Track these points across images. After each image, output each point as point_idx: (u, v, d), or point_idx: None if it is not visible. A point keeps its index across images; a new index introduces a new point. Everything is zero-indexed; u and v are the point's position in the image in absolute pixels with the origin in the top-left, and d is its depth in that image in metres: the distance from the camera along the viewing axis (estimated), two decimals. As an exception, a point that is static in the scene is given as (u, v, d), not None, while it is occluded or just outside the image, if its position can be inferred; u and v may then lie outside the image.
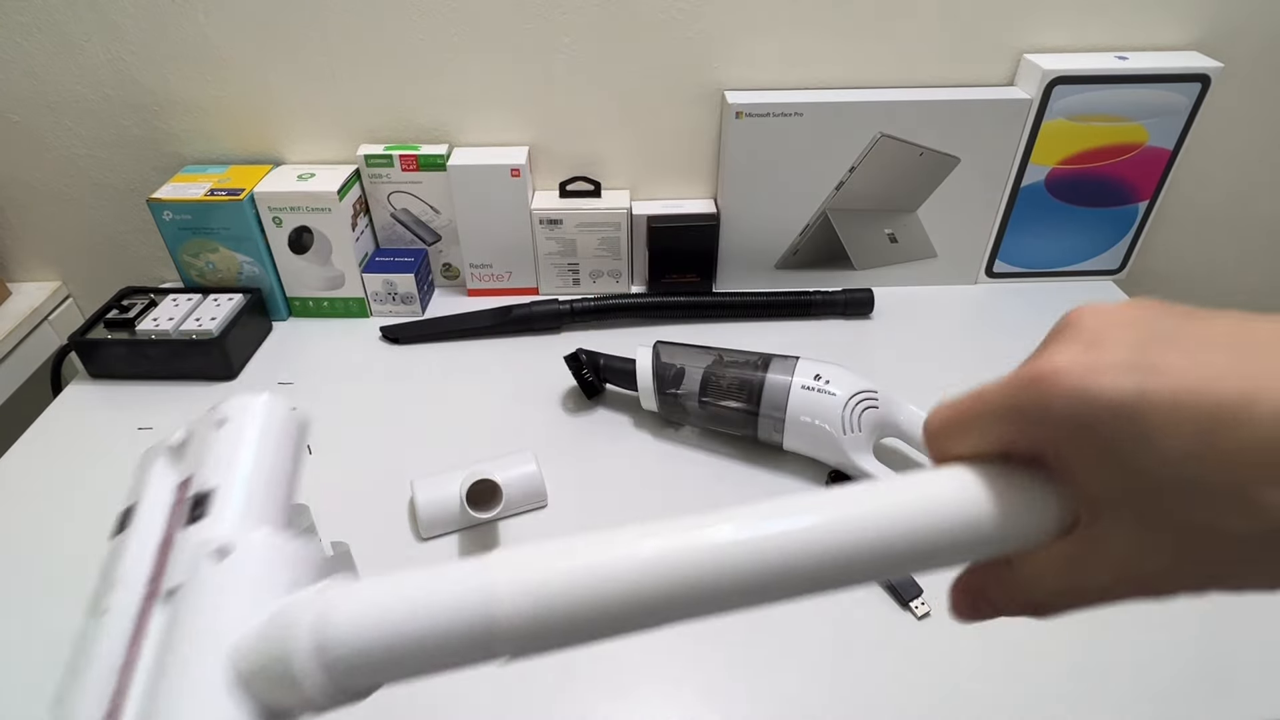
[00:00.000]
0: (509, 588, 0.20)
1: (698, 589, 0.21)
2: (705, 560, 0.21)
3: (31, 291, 0.92)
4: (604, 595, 0.20)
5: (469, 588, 0.21)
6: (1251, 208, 0.90)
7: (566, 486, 0.64)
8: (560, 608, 0.20)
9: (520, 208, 0.82)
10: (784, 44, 0.78)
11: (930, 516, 0.21)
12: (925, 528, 0.21)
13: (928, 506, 0.21)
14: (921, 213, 0.84)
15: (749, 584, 0.21)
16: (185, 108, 0.82)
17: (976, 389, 0.22)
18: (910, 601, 0.54)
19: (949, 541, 0.21)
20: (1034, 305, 0.86)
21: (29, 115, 0.82)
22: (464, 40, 0.77)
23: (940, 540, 0.21)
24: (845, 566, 0.21)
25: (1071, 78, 0.75)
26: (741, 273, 0.88)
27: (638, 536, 0.21)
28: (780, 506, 0.21)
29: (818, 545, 0.21)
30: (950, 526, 0.21)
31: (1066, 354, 0.19)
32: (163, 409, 0.73)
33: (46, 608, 0.55)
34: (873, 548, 0.21)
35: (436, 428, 0.71)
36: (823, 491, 0.22)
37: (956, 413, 0.23)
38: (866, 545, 0.21)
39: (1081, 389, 0.18)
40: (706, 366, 0.66)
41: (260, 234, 0.80)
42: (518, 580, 0.20)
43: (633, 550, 0.21)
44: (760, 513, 0.21)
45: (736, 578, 0.20)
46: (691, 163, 0.86)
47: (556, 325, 0.83)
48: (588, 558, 0.21)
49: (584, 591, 0.20)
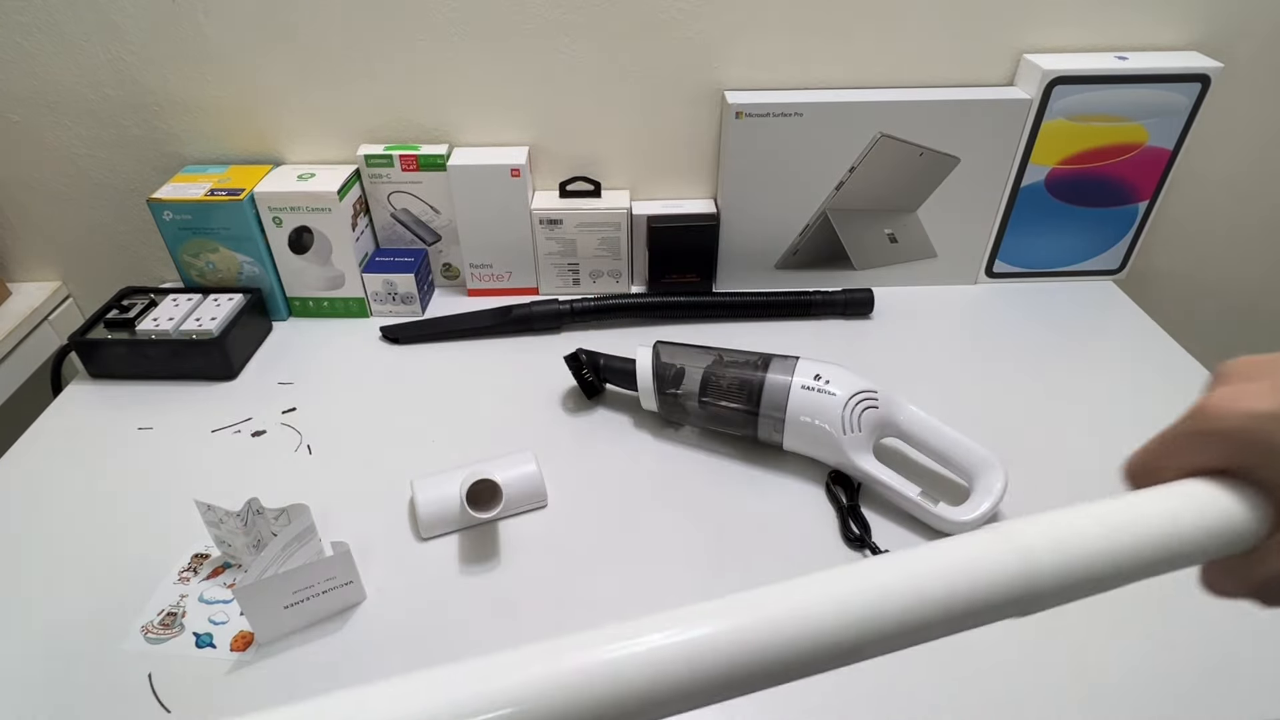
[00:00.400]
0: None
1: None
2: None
3: (31, 291, 0.92)
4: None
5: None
6: (1251, 208, 0.90)
7: (566, 486, 0.64)
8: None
9: (520, 208, 0.82)
10: (784, 44, 0.78)
11: (1174, 524, 0.26)
12: (1171, 535, 0.26)
13: (1172, 517, 0.26)
14: (921, 213, 0.84)
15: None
16: (185, 108, 0.82)
17: (1159, 433, 0.28)
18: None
19: (1190, 545, 0.26)
20: (1034, 305, 0.86)
21: (29, 115, 0.82)
22: (464, 40, 0.77)
23: (1183, 544, 0.26)
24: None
25: (1071, 78, 0.75)
26: (741, 273, 0.88)
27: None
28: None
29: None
30: (1189, 531, 0.26)
31: (1220, 390, 0.27)
32: (163, 409, 0.73)
33: (47, 607, 0.55)
34: (1154, 550, 0.25)
35: (436, 428, 0.71)
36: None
37: (1148, 452, 0.29)
38: (1149, 548, 0.25)
39: (1234, 408, 0.26)
40: (706, 366, 0.66)
41: (260, 234, 0.80)
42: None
43: None
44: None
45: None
46: (691, 163, 0.86)
47: (556, 325, 0.83)
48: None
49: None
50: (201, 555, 0.59)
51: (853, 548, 0.58)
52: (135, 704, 0.49)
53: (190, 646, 0.52)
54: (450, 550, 0.59)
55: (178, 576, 0.57)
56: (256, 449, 0.69)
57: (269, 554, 0.52)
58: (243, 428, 0.71)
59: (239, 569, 0.58)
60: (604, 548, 0.59)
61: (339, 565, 0.52)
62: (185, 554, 0.59)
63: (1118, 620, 0.53)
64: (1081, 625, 0.53)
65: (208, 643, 0.52)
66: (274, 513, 0.56)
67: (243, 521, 0.55)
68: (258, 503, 0.56)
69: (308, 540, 0.55)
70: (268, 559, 0.51)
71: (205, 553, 0.59)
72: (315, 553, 0.56)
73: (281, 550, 0.53)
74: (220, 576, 0.57)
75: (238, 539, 0.56)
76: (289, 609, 0.52)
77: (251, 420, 0.72)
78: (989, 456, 0.59)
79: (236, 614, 0.54)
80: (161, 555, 0.59)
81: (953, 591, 0.23)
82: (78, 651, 0.52)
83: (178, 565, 0.58)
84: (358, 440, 0.69)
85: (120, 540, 0.60)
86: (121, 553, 0.59)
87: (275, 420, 0.72)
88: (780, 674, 0.22)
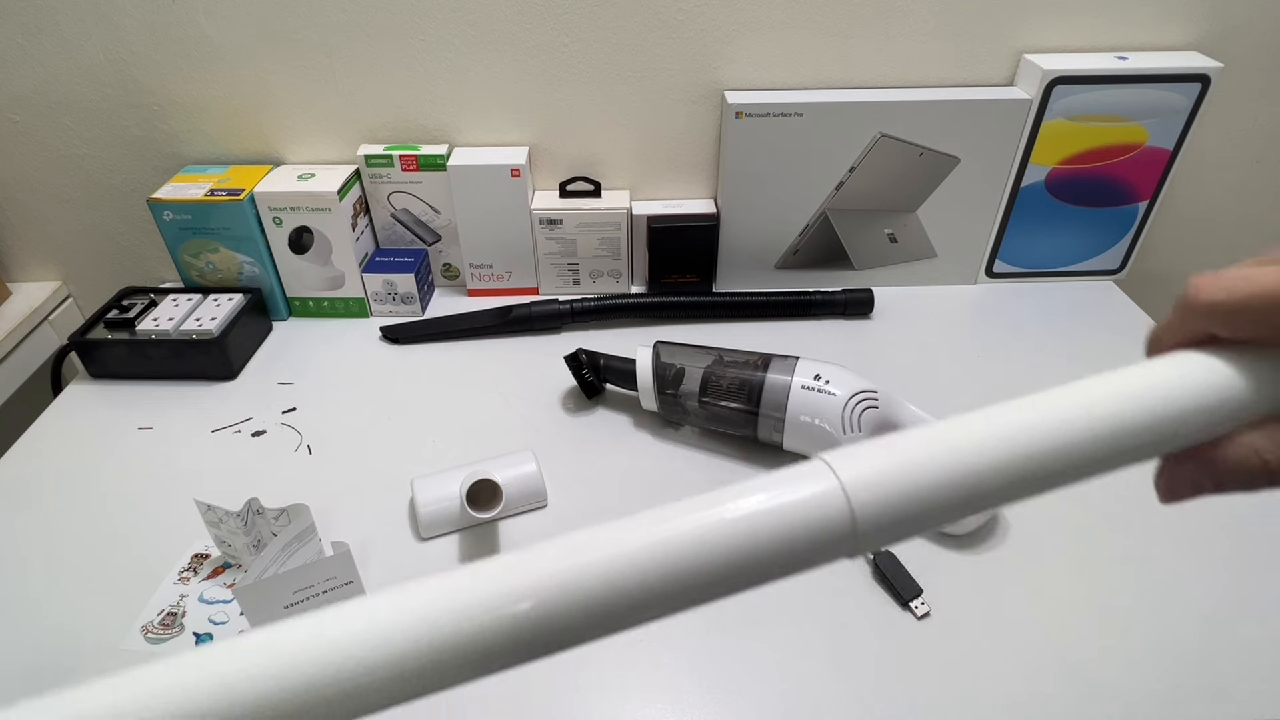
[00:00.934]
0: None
1: (1046, 462, 0.22)
2: (1056, 434, 0.22)
3: (31, 291, 0.92)
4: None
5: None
6: (1251, 208, 0.90)
7: (566, 486, 0.64)
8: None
9: (520, 208, 0.82)
10: (784, 44, 0.78)
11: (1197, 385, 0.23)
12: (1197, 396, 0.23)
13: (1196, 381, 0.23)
14: (921, 213, 0.84)
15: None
16: (185, 108, 0.82)
17: (1245, 273, 0.23)
18: (910, 601, 0.54)
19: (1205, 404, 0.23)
20: (1034, 305, 0.86)
21: (29, 115, 0.82)
22: (464, 40, 0.77)
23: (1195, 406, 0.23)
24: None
25: (1071, 78, 0.75)
26: (741, 273, 0.88)
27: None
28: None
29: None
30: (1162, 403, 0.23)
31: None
32: (163, 409, 0.73)
33: (47, 607, 0.55)
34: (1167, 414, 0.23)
35: (436, 428, 0.71)
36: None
37: (1159, 325, 0.26)
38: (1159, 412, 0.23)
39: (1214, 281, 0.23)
40: (706, 366, 0.66)
41: (260, 234, 0.80)
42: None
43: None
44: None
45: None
46: (691, 163, 0.86)
47: (556, 325, 0.83)
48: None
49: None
50: (201, 555, 0.59)
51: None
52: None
53: (190, 646, 0.52)
54: (450, 550, 0.59)
55: (178, 576, 0.57)
56: (256, 449, 0.69)
57: (269, 554, 0.51)
58: (243, 428, 0.71)
59: (239, 569, 0.58)
60: (604, 548, 0.59)
61: (339, 565, 0.52)
62: (185, 554, 0.59)
63: (1118, 622, 0.53)
64: (1081, 626, 0.53)
65: (207, 642, 0.52)
66: (274, 513, 0.56)
67: (243, 521, 0.55)
68: (258, 503, 0.56)
69: (308, 540, 0.55)
70: (268, 559, 0.51)
71: (205, 552, 0.59)
72: (315, 553, 0.56)
73: (281, 550, 0.53)
74: (220, 576, 0.57)
75: (238, 539, 0.56)
76: (289, 609, 0.52)
77: (251, 420, 0.72)
78: (989, 456, 0.59)
79: (236, 614, 0.54)
80: (162, 555, 0.59)
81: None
82: (77, 651, 0.52)
83: (178, 565, 0.58)
84: (358, 440, 0.69)
85: (120, 540, 0.60)
86: (121, 553, 0.59)
87: (275, 420, 0.72)
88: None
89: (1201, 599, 0.54)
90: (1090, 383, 0.24)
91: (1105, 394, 0.23)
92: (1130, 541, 0.58)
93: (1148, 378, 0.24)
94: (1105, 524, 0.60)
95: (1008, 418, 0.22)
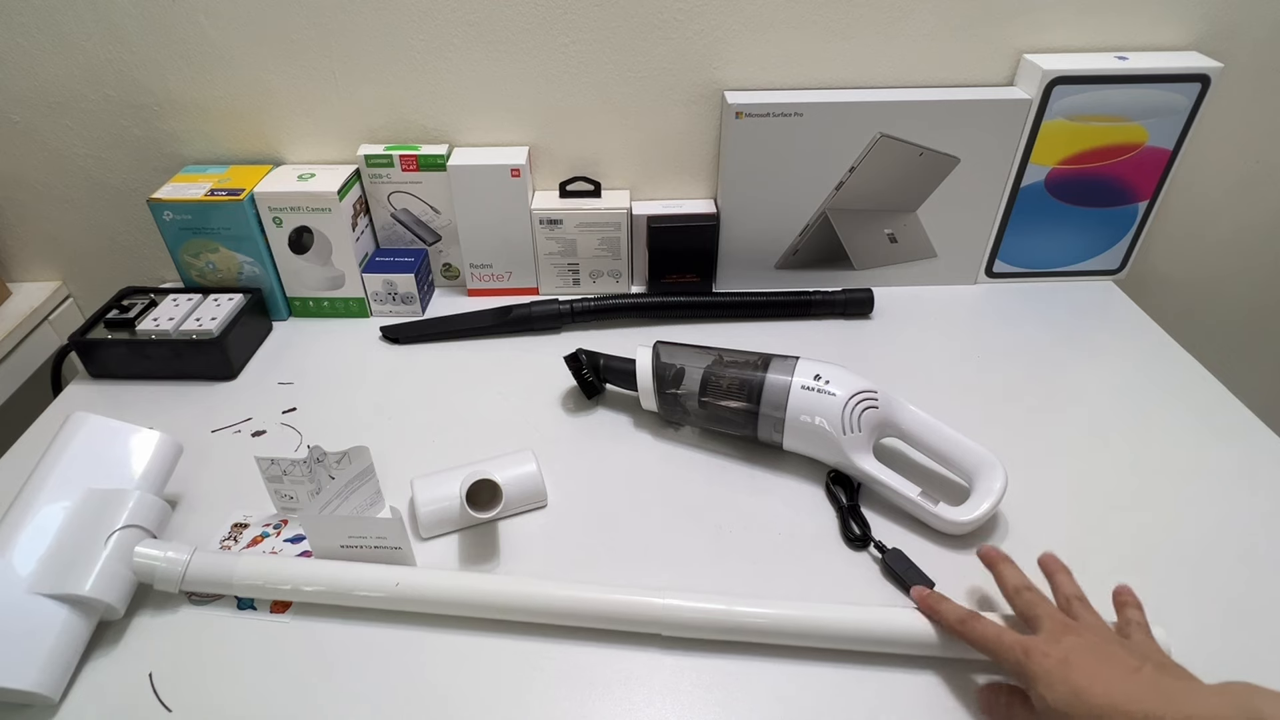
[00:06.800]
0: None
1: None
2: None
3: (31, 291, 0.92)
4: None
5: None
6: (1252, 208, 0.90)
7: (566, 486, 0.64)
8: None
9: (520, 208, 0.82)
10: (784, 44, 0.78)
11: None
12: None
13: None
14: (921, 213, 0.84)
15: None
16: (185, 108, 0.82)
17: (992, 628, 0.46)
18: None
19: None
20: (1034, 305, 0.86)
21: (29, 115, 0.82)
22: (464, 40, 0.77)
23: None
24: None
25: (1071, 78, 0.75)
26: (741, 273, 0.88)
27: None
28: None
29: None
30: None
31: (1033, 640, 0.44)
32: (163, 409, 0.73)
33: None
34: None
35: (436, 428, 0.71)
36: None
37: (975, 631, 0.46)
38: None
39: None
40: (706, 366, 0.66)
41: (260, 234, 0.80)
42: None
43: None
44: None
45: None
46: (691, 163, 0.86)
47: (556, 325, 0.83)
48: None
49: None
50: (240, 524, 0.61)
51: (853, 548, 0.58)
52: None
53: (233, 608, 0.55)
54: (450, 550, 0.59)
55: (219, 546, 0.59)
56: (257, 449, 0.69)
57: (332, 488, 0.56)
58: (243, 428, 0.71)
59: (277, 538, 0.60)
60: (604, 548, 0.59)
61: (391, 529, 0.54)
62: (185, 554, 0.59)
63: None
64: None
65: (248, 605, 0.55)
66: (335, 456, 0.59)
67: (308, 469, 0.58)
68: (320, 450, 0.59)
69: (367, 479, 0.60)
70: (330, 492, 0.56)
71: (244, 522, 0.61)
72: (374, 491, 0.61)
73: (345, 486, 0.58)
74: (260, 546, 0.59)
75: (302, 488, 0.59)
76: (344, 548, 0.55)
77: (251, 420, 0.72)
78: (989, 456, 0.59)
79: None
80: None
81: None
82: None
83: (218, 535, 0.60)
84: (357, 440, 0.69)
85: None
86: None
87: (275, 420, 0.72)
88: None
89: (1202, 601, 0.54)
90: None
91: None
92: (1130, 541, 0.58)
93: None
94: (1105, 524, 0.60)
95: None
